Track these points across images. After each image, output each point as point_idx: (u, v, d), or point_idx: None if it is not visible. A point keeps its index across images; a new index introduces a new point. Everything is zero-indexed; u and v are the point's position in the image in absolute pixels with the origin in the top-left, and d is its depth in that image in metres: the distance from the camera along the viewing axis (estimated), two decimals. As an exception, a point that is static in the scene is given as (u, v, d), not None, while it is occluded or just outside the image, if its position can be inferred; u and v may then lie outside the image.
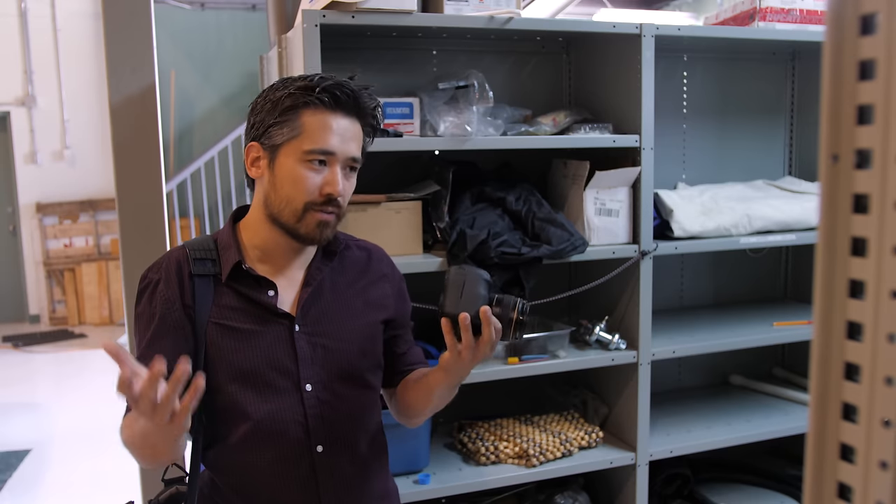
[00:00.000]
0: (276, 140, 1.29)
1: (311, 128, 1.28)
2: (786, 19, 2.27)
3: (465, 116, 1.91)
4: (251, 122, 1.34)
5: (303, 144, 1.28)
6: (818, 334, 0.51)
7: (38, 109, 7.44)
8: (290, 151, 1.29)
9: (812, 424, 0.52)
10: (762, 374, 2.70)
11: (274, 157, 1.30)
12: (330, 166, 1.30)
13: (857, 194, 0.49)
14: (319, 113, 1.28)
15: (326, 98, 1.28)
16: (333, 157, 1.29)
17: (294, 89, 1.29)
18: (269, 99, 1.31)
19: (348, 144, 1.31)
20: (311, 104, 1.28)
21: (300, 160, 1.28)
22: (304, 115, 1.28)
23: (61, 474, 3.96)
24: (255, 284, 1.33)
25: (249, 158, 1.34)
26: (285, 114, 1.28)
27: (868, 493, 0.49)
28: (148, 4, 2.14)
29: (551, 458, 2.07)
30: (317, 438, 1.33)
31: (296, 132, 1.28)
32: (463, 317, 1.25)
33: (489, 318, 1.25)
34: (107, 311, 7.57)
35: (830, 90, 0.49)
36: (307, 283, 1.37)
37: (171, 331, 1.30)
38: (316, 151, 1.28)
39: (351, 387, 1.37)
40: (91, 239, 7.68)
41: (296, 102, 1.28)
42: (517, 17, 1.93)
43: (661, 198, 2.19)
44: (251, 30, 7.22)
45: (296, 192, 1.29)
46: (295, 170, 1.28)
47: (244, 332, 1.31)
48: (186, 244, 1.36)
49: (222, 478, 1.34)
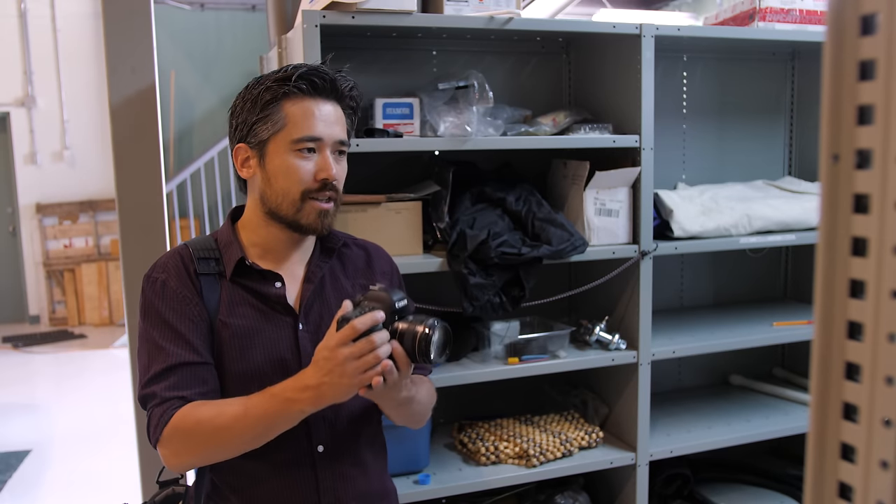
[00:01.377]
0: (262, 136, 1.30)
1: (295, 117, 1.29)
2: (785, 19, 2.27)
3: (465, 117, 1.91)
4: (233, 125, 1.35)
5: (289, 135, 1.29)
6: (819, 334, 0.51)
7: (38, 110, 7.44)
8: (278, 144, 1.30)
9: (813, 424, 0.52)
10: (762, 374, 2.70)
11: (263, 153, 1.31)
12: (320, 152, 1.31)
13: (858, 194, 0.49)
14: (300, 101, 1.30)
15: (304, 85, 1.29)
16: (322, 143, 1.30)
17: (271, 82, 1.30)
18: (248, 98, 1.32)
19: (333, 128, 1.32)
20: (291, 94, 1.29)
21: (289, 150, 1.29)
22: (286, 106, 1.29)
23: (61, 475, 3.96)
24: (261, 278, 1.34)
25: (238, 160, 1.35)
26: (266, 108, 1.29)
27: (869, 492, 0.49)
28: (148, 5, 2.14)
29: (551, 459, 2.07)
30: (318, 438, 1.33)
31: (280, 124, 1.29)
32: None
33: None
34: (107, 312, 7.56)
35: (831, 90, 0.49)
36: (308, 280, 1.37)
37: (197, 324, 1.29)
38: (304, 139, 1.29)
39: None
40: (91, 239, 7.68)
41: (275, 95, 1.29)
42: (517, 17, 1.93)
43: (661, 198, 2.19)
44: (251, 30, 7.22)
45: (291, 183, 1.29)
46: (286, 161, 1.29)
47: (249, 330, 1.31)
48: (188, 243, 1.36)
49: (222, 477, 1.34)
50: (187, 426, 1.22)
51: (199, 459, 1.29)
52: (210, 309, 1.30)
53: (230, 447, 1.25)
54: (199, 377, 1.27)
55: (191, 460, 1.29)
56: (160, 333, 1.28)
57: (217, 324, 1.30)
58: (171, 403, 1.24)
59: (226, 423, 1.21)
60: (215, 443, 1.23)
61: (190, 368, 1.27)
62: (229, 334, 1.30)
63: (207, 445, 1.24)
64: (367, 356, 1.15)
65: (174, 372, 1.26)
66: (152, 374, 1.26)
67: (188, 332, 1.28)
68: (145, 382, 1.27)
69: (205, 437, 1.23)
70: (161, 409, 1.24)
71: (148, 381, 1.27)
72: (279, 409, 1.20)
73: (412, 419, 1.42)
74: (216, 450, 1.25)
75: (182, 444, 1.23)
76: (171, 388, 1.25)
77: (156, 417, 1.24)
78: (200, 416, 1.22)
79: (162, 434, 1.23)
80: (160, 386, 1.25)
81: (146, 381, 1.27)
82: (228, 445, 1.24)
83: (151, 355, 1.28)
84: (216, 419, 1.22)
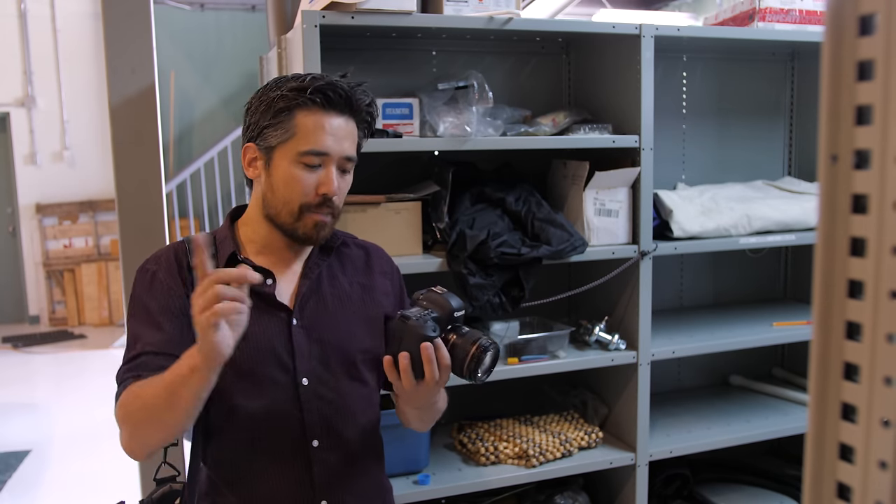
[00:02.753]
0: (271, 142, 1.31)
1: (305, 129, 1.29)
2: (785, 20, 2.27)
3: (465, 117, 1.91)
4: (247, 123, 1.36)
5: (297, 146, 1.29)
6: (817, 334, 0.51)
7: (38, 110, 7.44)
8: (284, 153, 1.30)
9: (811, 424, 0.52)
10: (762, 375, 2.70)
11: (270, 158, 1.32)
12: (325, 166, 1.31)
13: (856, 194, 0.49)
14: (313, 114, 1.29)
15: (319, 98, 1.29)
16: (328, 158, 1.30)
17: (287, 90, 1.29)
18: (264, 100, 1.32)
19: (342, 144, 1.31)
20: (304, 105, 1.29)
21: (295, 161, 1.29)
22: (298, 117, 1.29)
23: (61, 475, 3.96)
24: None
25: (246, 159, 1.36)
26: (279, 115, 1.29)
27: (867, 493, 0.49)
28: (147, 5, 2.14)
29: (551, 459, 2.07)
30: (312, 433, 1.33)
31: (290, 134, 1.29)
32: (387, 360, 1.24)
33: (430, 356, 1.22)
34: (106, 312, 7.56)
35: (829, 91, 0.49)
36: (305, 277, 1.38)
37: (177, 316, 1.29)
38: (310, 153, 1.29)
39: (348, 382, 1.37)
40: (91, 240, 7.67)
41: (289, 104, 1.29)
42: (516, 17, 1.93)
43: (661, 198, 2.19)
44: (251, 30, 7.22)
45: (291, 194, 1.30)
46: (290, 171, 1.30)
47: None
48: (186, 238, 1.37)
49: (217, 472, 1.35)
50: (128, 399, 1.22)
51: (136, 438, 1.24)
52: None
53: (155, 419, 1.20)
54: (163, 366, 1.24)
55: (131, 440, 1.24)
56: (139, 323, 1.30)
57: None
58: (125, 384, 1.24)
59: (150, 394, 1.19)
60: (142, 415, 1.20)
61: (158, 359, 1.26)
62: None
63: (137, 415, 1.21)
64: (208, 294, 1.09)
65: (145, 358, 1.26)
66: (124, 361, 1.28)
67: (166, 323, 1.28)
68: (123, 363, 1.28)
69: (136, 407, 1.21)
70: (121, 389, 1.24)
71: (124, 362, 1.28)
72: (179, 370, 1.16)
73: (425, 424, 1.45)
74: (145, 423, 1.22)
75: (125, 417, 1.22)
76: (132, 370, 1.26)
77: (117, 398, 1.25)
78: (139, 389, 1.21)
79: (116, 413, 1.23)
80: (129, 369, 1.26)
81: (123, 361, 1.28)
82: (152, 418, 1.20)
83: (129, 345, 1.30)
84: (145, 388, 1.20)
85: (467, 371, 1.24)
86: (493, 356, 1.26)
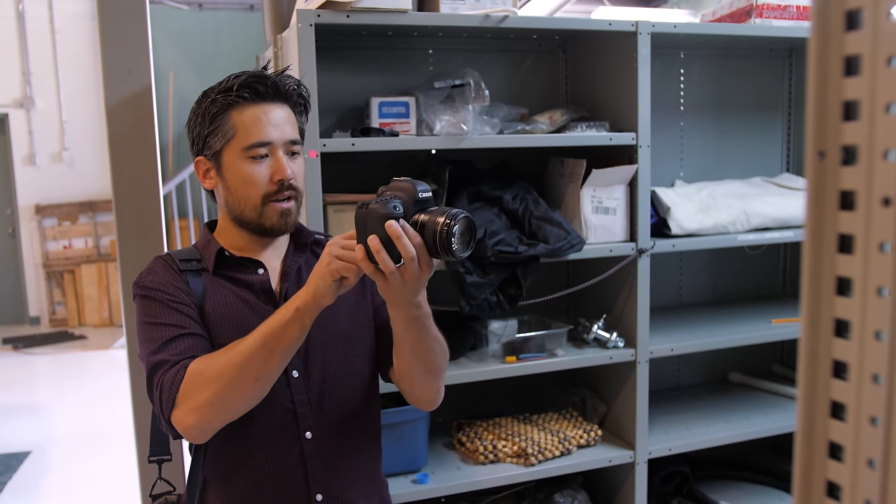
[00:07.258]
0: (215, 147, 1.35)
1: (243, 125, 1.33)
2: (782, 16, 2.27)
3: (462, 115, 1.91)
4: (191, 140, 1.40)
5: (240, 143, 1.33)
6: (805, 332, 0.51)
7: (37, 111, 7.44)
8: (231, 154, 1.34)
9: (800, 422, 0.51)
10: (761, 372, 2.69)
11: (219, 163, 1.36)
12: (272, 155, 1.34)
13: (844, 191, 0.49)
14: (246, 109, 1.34)
15: (247, 93, 1.33)
16: (273, 146, 1.34)
17: (216, 95, 1.34)
18: (199, 112, 1.37)
19: (283, 129, 1.35)
20: (236, 103, 1.33)
21: (243, 158, 1.33)
22: (233, 116, 1.33)
23: (61, 476, 3.96)
24: (243, 268, 1.38)
25: (200, 173, 1.40)
26: (215, 120, 1.34)
27: (857, 491, 0.49)
28: (143, 5, 2.13)
29: (550, 457, 2.07)
30: (305, 425, 1.34)
31: (230, 134, 1.33)
32: (359, 249, 1.17)
33: (396, 231, 1.15)
34: (107, 313, 7.57)
35: (816, 86, 0.49)
36: (285, 273, 1.41)
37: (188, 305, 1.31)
38: (254, 145, 1.33)
39: (338, 373, 1.38)
40: (90, 240, 7.68)
41: (221, 106, 1.34)
42: (513, 15, 1.93)
43: (659, 195, 2.19)
44: (249, 30, 7.22)
45: (249, 189, 1.34)
46: (241, 169, 1.33)
47: (233, 321, 1.33)
48: (168, 252, 1.41)
49: (210, 465, 1.36)
50: (201, 368, 1.22)
51: (216, 406, 1.22)
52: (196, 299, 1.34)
53: (243, 378, 1.20)
54: (203, 347, 1.29)
55: (209, 411, 1.22)
56: (159, 312, 1.30)
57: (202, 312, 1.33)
58: (183, 363, 1.24)
59: (235, 352, 1.21)
60: (229, 375, 1.20)
61: (194, 338, 1.28)
62: (212, 322, 1.33)
63: (221, 380, 1.20)
64: (348, 241, 1.18)
65: (180, 340, 1.27)
66: (159, 344, 1.26)
67: (185, 309, 1.30)
68: (153, 352, 1.26)
69: (218, 371, 1.20)
70: (174, 371, 1.23)
71: (156, 350, 1.26)
72: (281, 315, 1.20)
73: (426, 361, 1.34)
74: (230, 386, 1.21)
75: (199, 389, 1.20)
76: (181, 353, 1.25)
77: (169, 380, 1.22)
78: (213, 357, 1.23)
79: (179, 391, 1.21)
80: (169, 353, 1.25)
81: (153, 350, 1.26)
82: (242, 376, 1.20)
83: (153, 332, 1.28)
84: (227, 353, 1.22)
85: (441, 247, 1.15)
86: (464, 226, 1.16)
